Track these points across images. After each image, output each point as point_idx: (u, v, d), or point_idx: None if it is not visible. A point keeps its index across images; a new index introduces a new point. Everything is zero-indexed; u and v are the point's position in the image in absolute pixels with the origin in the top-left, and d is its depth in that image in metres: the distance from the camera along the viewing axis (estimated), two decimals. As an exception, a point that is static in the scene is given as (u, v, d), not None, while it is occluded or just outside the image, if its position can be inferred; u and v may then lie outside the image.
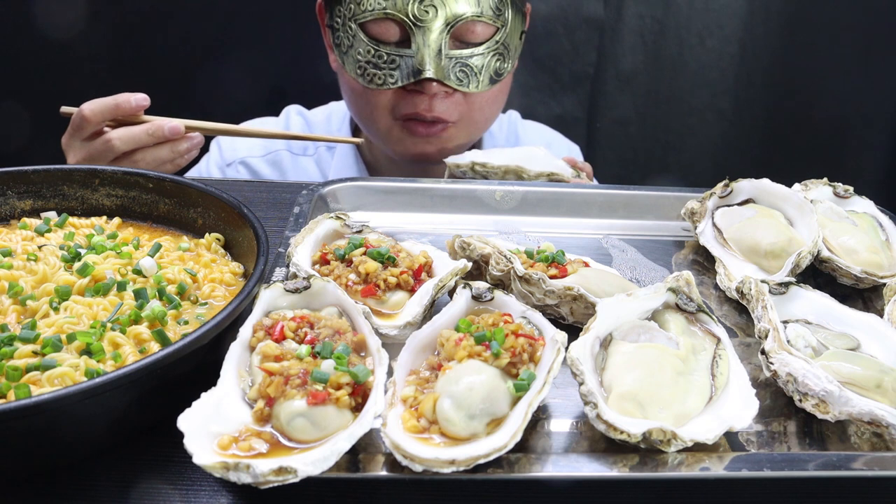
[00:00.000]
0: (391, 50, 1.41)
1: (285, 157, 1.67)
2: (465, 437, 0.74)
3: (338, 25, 1.44)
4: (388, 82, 1.42)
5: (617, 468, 0.73)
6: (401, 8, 1.38)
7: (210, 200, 1.03)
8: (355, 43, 1.42)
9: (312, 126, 1.73)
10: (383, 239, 1.03)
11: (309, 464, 0.68)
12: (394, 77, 1.42)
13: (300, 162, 1.67)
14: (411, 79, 1.41)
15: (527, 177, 1.35)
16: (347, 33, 1.42)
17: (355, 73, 1.44)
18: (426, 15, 1.38)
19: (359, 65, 1.43)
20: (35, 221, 1.04)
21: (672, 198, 1.26)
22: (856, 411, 0.78)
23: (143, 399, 0.73)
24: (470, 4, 1.40)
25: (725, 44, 2.26)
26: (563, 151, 1.81)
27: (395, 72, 1.42)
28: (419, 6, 1.38)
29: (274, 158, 1.66)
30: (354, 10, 1.40)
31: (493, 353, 0.79)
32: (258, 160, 1.65)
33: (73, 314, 0.85)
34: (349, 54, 1.43)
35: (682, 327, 0.89)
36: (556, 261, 1.01)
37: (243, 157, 1.65)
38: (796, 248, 1.06)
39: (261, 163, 1.65)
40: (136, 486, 0.73)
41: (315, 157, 1.69)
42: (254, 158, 1.65)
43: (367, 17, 1.39)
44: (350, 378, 0.76)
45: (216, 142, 1.71)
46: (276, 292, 0.87)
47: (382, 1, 1.38)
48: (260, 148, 1.68)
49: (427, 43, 1.39)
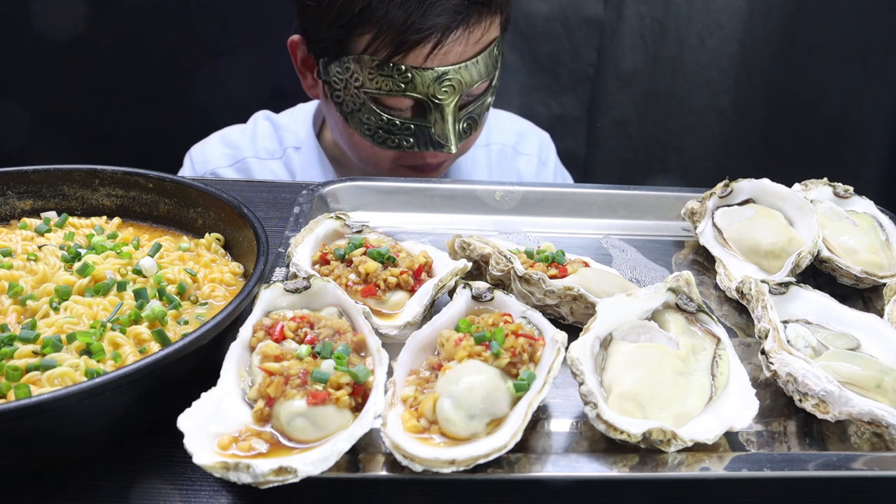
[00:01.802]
0: (406, 119, 1.39)
1: (253, 164, 1.67)
2: (465, 437, 0.74)
3: (338, 85, 1.39)
4: (404, 146, 1.41)
5: (617, 468, 0.73)
6: (420, 90, 1.35)
7: (210, 200, 1.03)
8: (364, 109, 1.38)
9: (280, 129, 1.72)
10: (383, 239, 1.03)
11: (309, 464, 0.68)
12: (409, 142, 1.40)
13: (268, 166, 1.67)
14: (430, 148, 1.41)
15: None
16: (354, 98, 1.38)
17: (363, 132, 1.41)
18: (444, 94, 1.36)
19: (367, 127, 1.40)
20: (35, 221, 1.04)
21: (672, 198, 1.26)
22: (856, 411, 0.78)
23: (143, 399, 0.73)
24: (477, 71, 1.38)
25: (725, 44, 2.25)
26: (535, 142, 1.80)
27: (411, 138, 1.40)
28: (438, 87, 1.35)
29: (242, 167, 1.66)
30: (364, 83, 1.35)
31: (493, 353, 0.79)
32: (226, 170, 1.66)
33: (73, 314, 0.85)
34: (355, 115, 1.40)
35: (682, 327, 0.89)
36: (556, 261, 1.01)
37: (213, 169, 1.65)
38: (796, 248, 1.06)
39: (229, 172, 1.66)
40: (136, 486, 0.73)
41: (283, 159, 1.69)
42: (222, 169, 1.65)
43: (380, 93, 1.36)
44: (350, 378, 0.76)
45: (189, 155, 1.72)
46: (276, 292, 0.87)
47: (401, 83, 1.34)
48: (227, 158, 1.68)
49: (445, 118, 1.37)
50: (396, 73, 1.33)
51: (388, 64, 1.33)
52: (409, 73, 1.33)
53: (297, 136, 1.69)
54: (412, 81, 1.34)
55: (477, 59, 1.37)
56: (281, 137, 1.70)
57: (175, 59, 2.16)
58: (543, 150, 1.80)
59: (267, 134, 1.71)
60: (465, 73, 1.36)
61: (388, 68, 1.33)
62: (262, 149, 1.69)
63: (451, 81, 1.35)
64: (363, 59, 1.34)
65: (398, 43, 1.31)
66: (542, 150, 1.80)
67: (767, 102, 2.32)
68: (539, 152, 1.79)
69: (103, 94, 2.17)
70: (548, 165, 1.80)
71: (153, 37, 2.15)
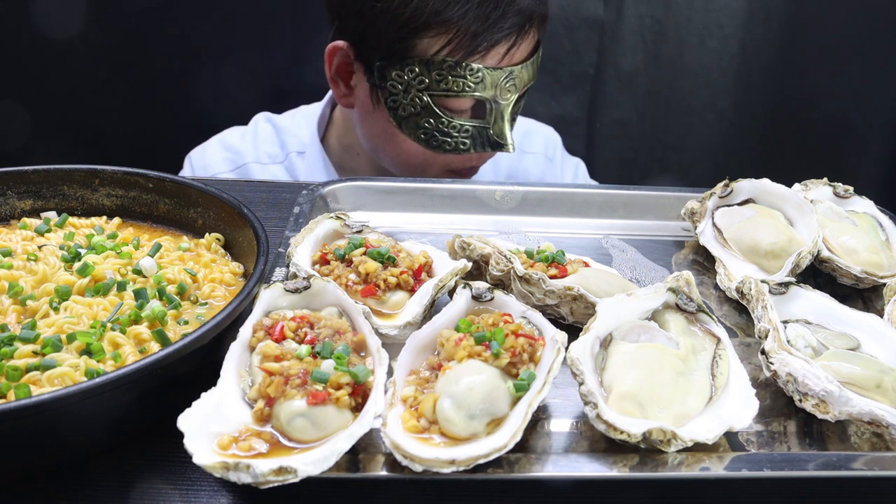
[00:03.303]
0: (465, 121, 1.40)
1: (254, 169, 1.66)
2: (465, 437, 0.74)
3: (396, 90, 1.39)
4: (461, 149, 1.42)
5: (617, 468, 0.73)
6: (489, 90, 1.37)
7: (210, 200, 1.03)
8: (423, 112, 1.39)
9: (282, 132, 1.71)
10: (383, 239, 1.03)
11: (309, 464, 0.68)
12: (466, 145, 1.42)
13: (270, 170, 1.66)
14: (488, 149, 1.43)
15: None
16: (414, 102, 1.38)
17: (417, 137, 1.42)
18: (507, 93, 1.39)
19: (423, 131, 1.41)
20: (35, 221, 1.04)
21: (672, 198, 1.26)
22: (856, 411, 0.78)
23: (143, 399, 0.73)
24: (533, 70, 1.43)
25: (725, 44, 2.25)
26: (540, 140, 1.81)
27: (468, 140, 1.42)
28: (504, 86, 1.38)
29: (243, 172, 1.65)
30: (431, 85, 1.36)
31: (493, 353, 0.79)
32: (227, 175, 1.64)
33: (73, 314, 0.85)
34: (411, 120, 1.40)
35: (682, 327, 0.89)
36: (556, 261, 1.01)
37: (213, 174, 1.64)
38: (796, 248, 1.06)
39: (230, 177, 1.64)
40: (136, 486, 0.73)
41: (286, 164, 1.68)
42: (223, 174, 1.64)
43: (448, 94, 1.37)
44: (350, 378, 0.76)
45: (188, 158, 1.70)
46: (276, 292, 0.87)
47: (472, 83, 1.35)
48: (228, 163, 1.67)
49: (504, 117, 1.41)
50: (469, 74, 1.35)
51: (462, 64, 1.34)
52: (482, 72, 1.35)
53: (300, 140, 1.68)
54: (483, 81, 1.36)
55: (534, 59, 1.42)
56: (283, 141, 1.69)
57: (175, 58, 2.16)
58: (549, 147, 1.81)
59: (268, 137, 1.70)
60: (525, 73, 1.41)
61: (461, 69, 1.34)
62: (263, 153, 1.67)
63: (515, 81, 1.39)
64: (434, 61, 1.35)
65: (477, 44, 1.34)
66: (547, 147, 1.80)
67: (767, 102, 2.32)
68: (545, 149, 1.80)
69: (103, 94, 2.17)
70: (555, 161, 1.80)
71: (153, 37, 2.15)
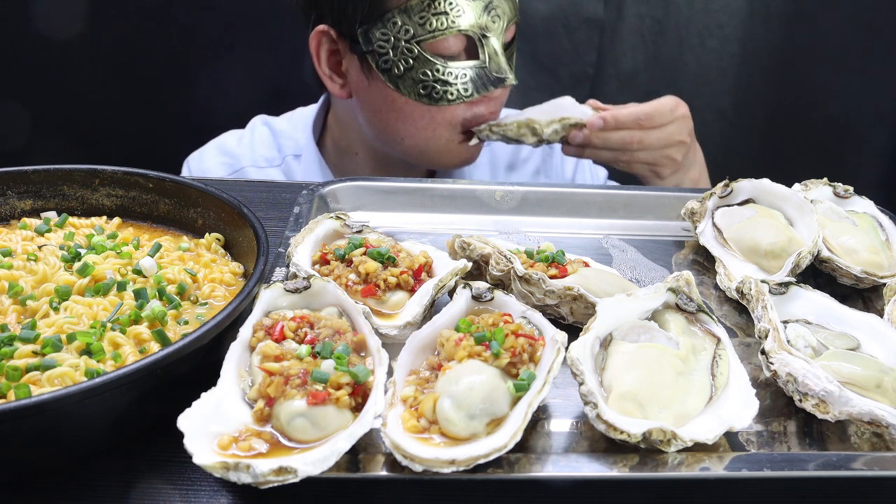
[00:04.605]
0: (460, 64, 1.40)
1: (251, 173, 1.67)
2: (465, 437, 0.74)
3: (384, 49, 1.39)
4: (463, 96, 1.42)
5: (617, 468, 0.73)
6: (473, 22, 1.37)
7: (210, 200, 1.03)
8: (416, 64, 1.39)
9: (278, 136, 1.72)
10: (383, 239, 1.03)
11: (309, 464, 0.68)
12: (468, 90, 1.42)
13: (266, 174, 1.67)
14: (490, 88, 1.43)
15: (539, 128, 1.39)
16: (405, 55, 1.38)
17: (417, 93, 1.41)
18: (493, 24, 1.39)
19: (423, 84, 1.40)
20: (35, 221, 1.04)
21: (672, 198, 1.26)
22: (856, 411, 0.78)
23: (143, 399, 0.73)
24: (513, 3, 1.44)
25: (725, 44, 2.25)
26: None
27: (469, 84, 1.41)
28: (488, 17, 1.38)
29: (240, 176, 1.66)
30: (416, 32, 1.37)
31: (493, 353, 0.79)
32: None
33: (73, 314, 0.85)
34: (407, 76, 1.40)
35: (682, 327, 0.89)
36: (556, 261, 1.01)
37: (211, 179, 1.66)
38: (796, 248, 1.06)
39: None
40: (136, 486, 0.73)
41: (282, 167, 1.69)
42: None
43: (435, 36, 1.37)
44: (350, 378, 0.76)
45: (186, 163, 1.71)
46: (276, 292, 0.87)
47: (455, 18, 1.36)
48: (225, 167, 1.67)
49: (497, 50, 1.41)
50: (449, 8, 1.36)
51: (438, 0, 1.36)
52: (460, 4, 1.37)
53: (296, 143, 1.69)
54: (464, 14, 1.37)
55: None
56: (280, 144, 1.70)
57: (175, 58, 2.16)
58: None
59: (265, 141, 1.71)
60: (506, 4, 1.42)
61: (438, 4, 1.36)
62: (260, 157, 1.68)
63: (496, 11, 1.39)
64: (411, 6, 1.36)
65: None
66: None
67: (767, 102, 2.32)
68: None
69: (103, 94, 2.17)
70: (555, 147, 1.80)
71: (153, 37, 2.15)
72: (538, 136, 1.43)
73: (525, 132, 1.42)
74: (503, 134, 1.42)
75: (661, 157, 1.46)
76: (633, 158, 1.46)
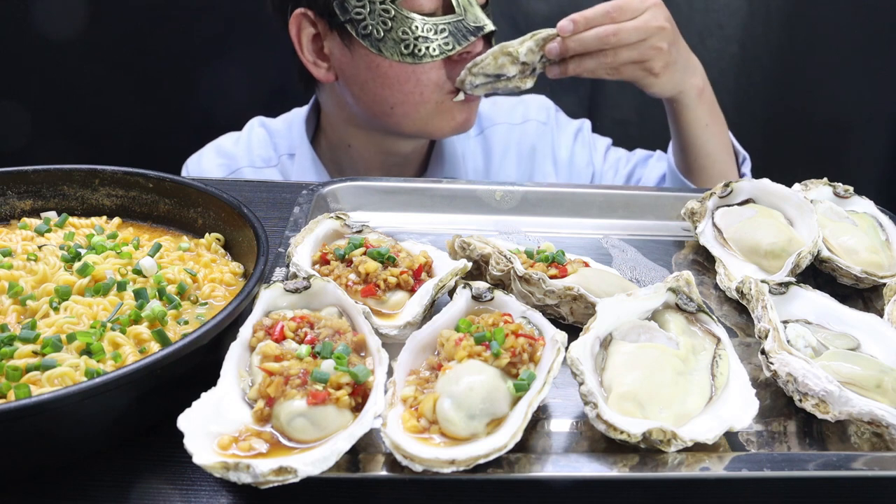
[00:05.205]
0: (438, 20, 1.41)
1: (248, 174, 1.67)
2: (465, 437, 0.74)
3: (361, 14, 1.40)
4: (445, 50, 1.42)
5: (617, 468, 0.73)
6: None
7: (210, 200, 1.03)
8: (395, 24, 1.40)
9: (274, 136, 1.73)
10: (383, 239, 1.03)
11: (309, 464, 0.68)
12: (449, 44, 1.42)
13: (263, 174, 1.68)
14: (471, 38, 1.43)
15: (514, 51, 1.39)
16: (383, 16, 1.39)
17: (400, 54, 1.41)
18: None
19: (405, 44, 1.41)
20: (35, 221, 1.04)
21: (672, 198, 1.26)
22: (856, 411, 0.78)
23: (143, 399, 0.73)
24: None
25: (725, 44, 2.25)
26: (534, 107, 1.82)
27: (449, 38, 1.42)
28: None
29: (237, 177, 1.67)
30: None
31: (493, 353, 0.79)
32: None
33: (73, 314, 0.85)
34: (387, 38, 1.41)
35: (682, 327, 0.89)
36: (556, 261, 1.01)
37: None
38: (796, 248, 1.06)
39: None
40: (136, 486, 0.73)
41: (278, 167, 1.70)
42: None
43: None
44: (350, 378, 0.76)
45: (185, 166, 1.72)
46: (276, 292, 0.87)
47: None
48: (222, 168, 1.69)
49: (471, 1, 1.43)
50: None
51: None
52: None
53: (290, 142, 1.70)
54: None
55: None
56: (276, 144, 1.71)
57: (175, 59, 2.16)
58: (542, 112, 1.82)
59: (262, 141, 1.72)
60: None
61: None
62: (257, 157, 1.69)
63: None
64: None
65: None
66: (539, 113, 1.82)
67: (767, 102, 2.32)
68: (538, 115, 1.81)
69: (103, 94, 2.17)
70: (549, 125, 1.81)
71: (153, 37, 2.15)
72: (515, 58, 1.40)
73: (503, 62, 1.40)
74: (483, 72, 1.40)
75: (647, 50, 1.40)
76: (617, 59, 1.40)
